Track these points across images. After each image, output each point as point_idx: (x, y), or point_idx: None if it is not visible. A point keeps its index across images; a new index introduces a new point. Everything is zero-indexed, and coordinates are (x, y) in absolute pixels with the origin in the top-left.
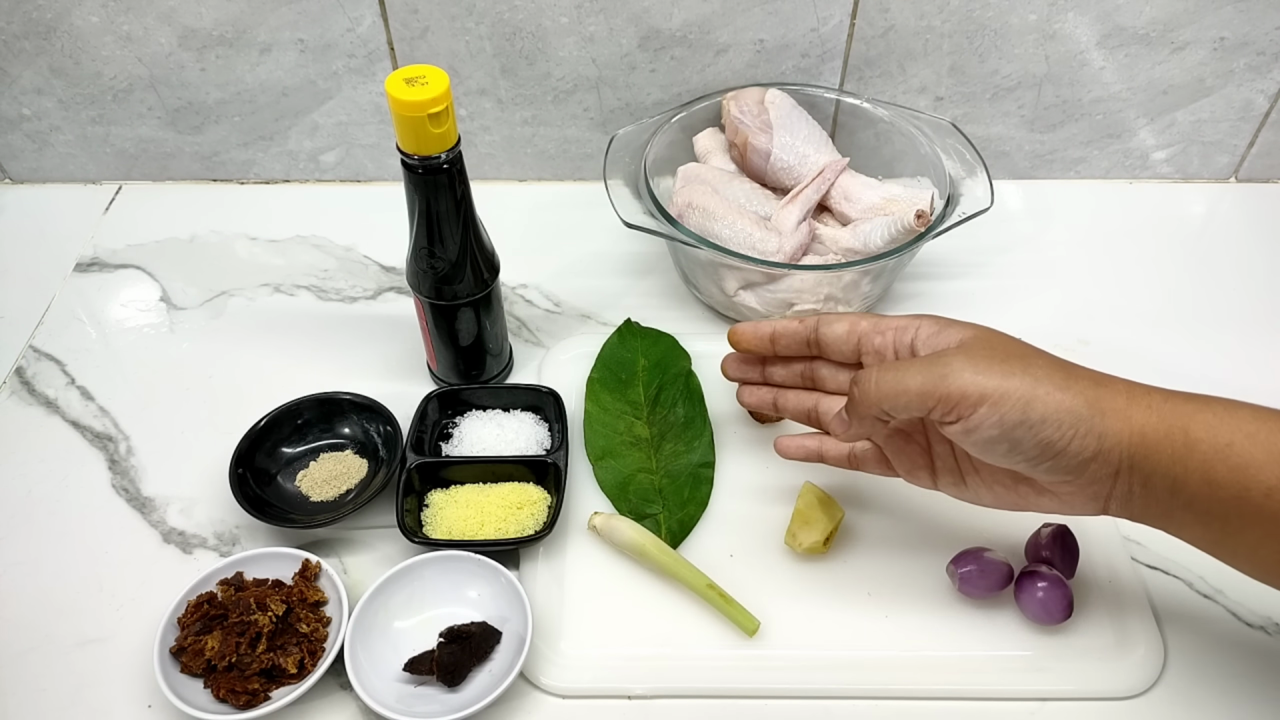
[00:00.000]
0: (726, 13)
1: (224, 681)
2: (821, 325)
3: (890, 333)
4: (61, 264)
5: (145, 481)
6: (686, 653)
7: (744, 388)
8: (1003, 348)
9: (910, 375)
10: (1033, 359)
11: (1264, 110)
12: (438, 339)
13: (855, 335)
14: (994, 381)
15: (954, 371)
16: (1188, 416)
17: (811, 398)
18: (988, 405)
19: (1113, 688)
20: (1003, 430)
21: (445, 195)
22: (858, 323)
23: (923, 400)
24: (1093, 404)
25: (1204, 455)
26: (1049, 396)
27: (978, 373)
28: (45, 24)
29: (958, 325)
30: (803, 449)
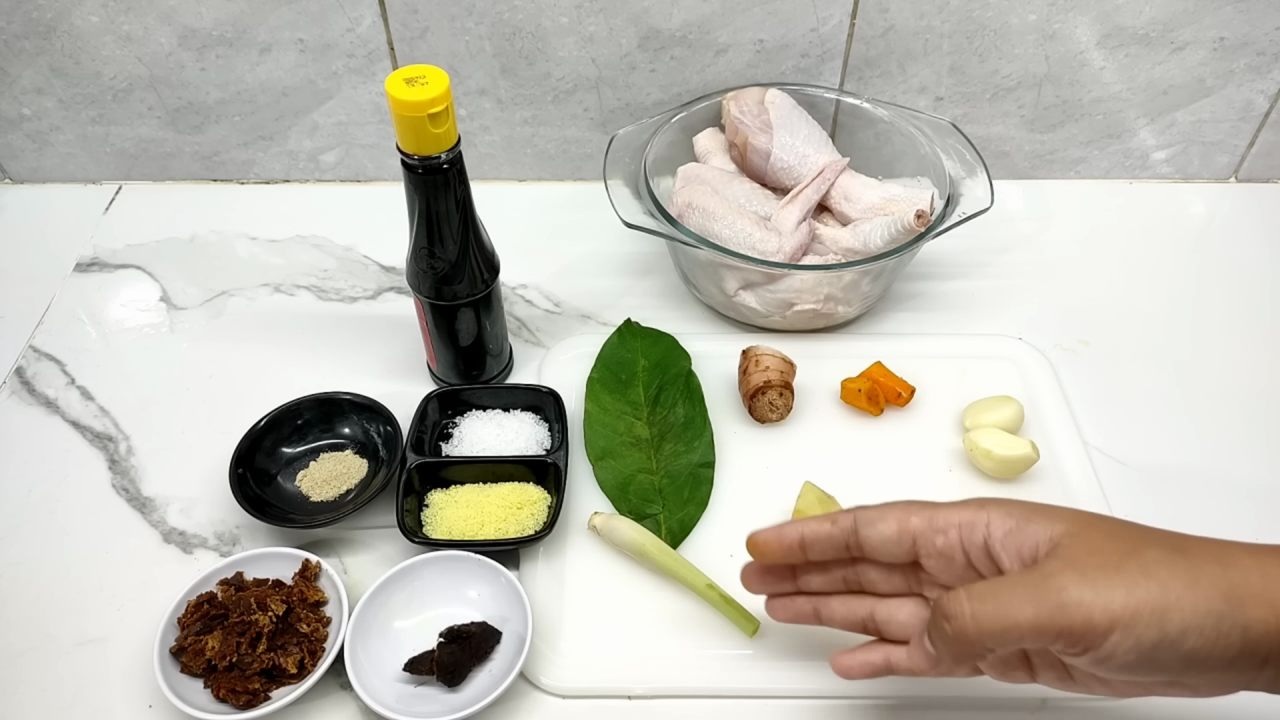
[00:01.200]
0: (726, 13)
1: (224, 681)
2: (862, 527)
3: (954, 530)
4: (61, 264)
5: (145, 481)
6: (686, 653)
7: (774, 601)
8: (1108, 544)
9: (1016, 605)
10: (1145, 551)
11: (1264, 110)
12: (438, 339)
13: (908, 536)
14: (1119, 598)
15: (1069, 596)
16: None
17: (864, 604)
18: (1119, 631)
19: None
20: (1141, 655)
21: (445, 195)
22: (907, 520)
23: (1037, 636)
24: (1228, 595)
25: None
26: (1182, 602)
27: (1097, 591)
28: (45, 24)
29: (1040, 515)
30: (868, 665)
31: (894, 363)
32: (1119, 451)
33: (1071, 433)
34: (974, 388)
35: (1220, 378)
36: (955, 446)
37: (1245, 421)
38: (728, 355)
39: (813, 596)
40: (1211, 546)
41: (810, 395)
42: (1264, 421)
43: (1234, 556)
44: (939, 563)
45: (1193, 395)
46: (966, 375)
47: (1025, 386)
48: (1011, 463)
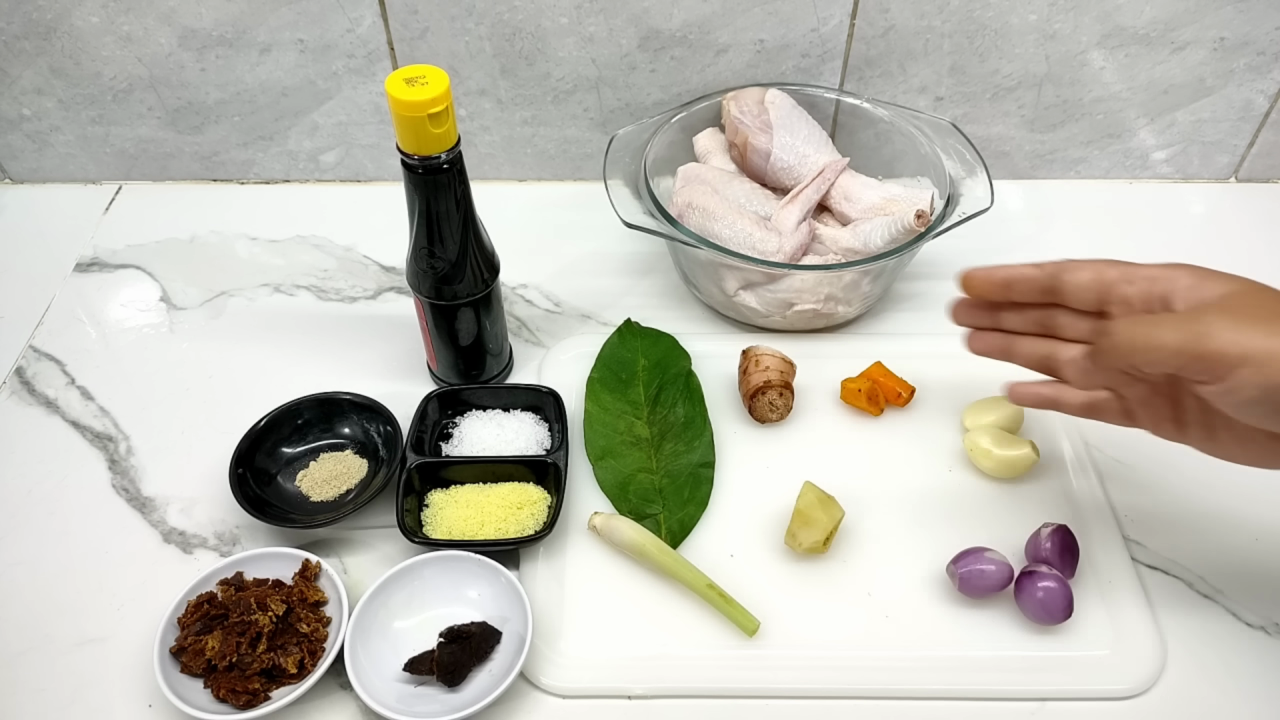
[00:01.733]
0: (726, 13)
1: (224, 681)
2: (1063, 272)
3: (1142, 282)
4: (61, 264)
5: (145, 481)
6: (686, 653)
7: (974, 333)
8: (1269, 304)
9: (1166, 330)
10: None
11: (1264, 110)
12: (438, 339)
13: (1102, 283)
14: (1258, 341)
15: (1214, 329)
16: None
17: (1048, 345)
18: (1250, 367)
19: (1113, 688)
20: (1264, 392)
21: (445, 195)
22: (1104, 270)
23: (1178, 358)
24: None
25: None
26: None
27: (1239, 331)
28: (45, 24)
29: (1219, 277)
30: (1038, 396)
31: (894, 363)
32: (1119, 451)
33: (1071, 433)
34: (974, 388)
35: None
36: (955, 446)
37: None
38: (728, 355)
39: (1006, 334)
40: None
41: (810, 395)
42: None
43: None
44: (1123, 310)
45: None
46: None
47: None
48: (1011, 463)
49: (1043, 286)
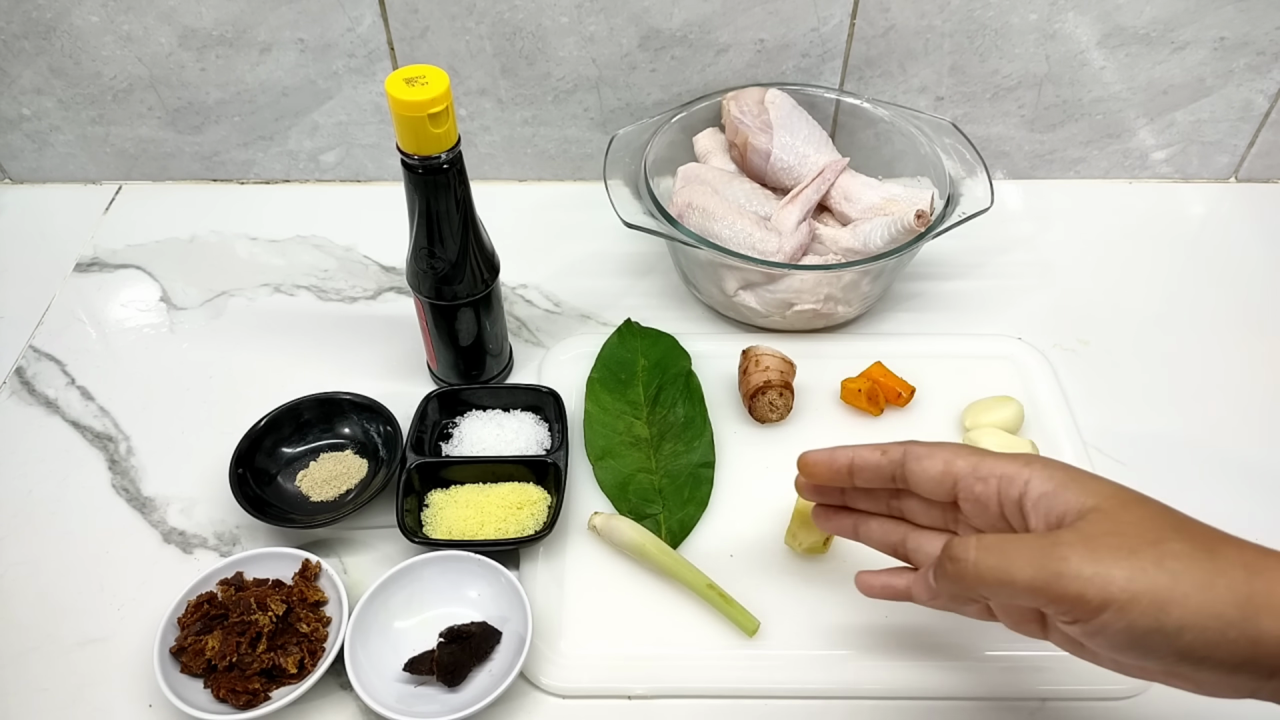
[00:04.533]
0: (726, 13)
1: (224, 681)
2: (909, 461)
3: (994, 481)
4: (61, 264)
5: (145, 481)
6: (686, 653)
7: (819, 509)
8: (1132, 528)
9: (1018, 563)
10: (1168, 543)
11: (1264, 110)
12: (438, 339)
13: (950, 478)
14: (1120, 580)
15: (1070, 566)
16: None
17: (899, 530)
18: (1112, 610)
19: (1113, 687)
20: (1131, 639)
21: (445, 195)
22: (954, 462)
23: (1033, 595)
24: (1245, 604)
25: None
26: (1187, 599)
27: (1099, 566)
28: (45, 24)
29: (1078, 484)
30: (888, 588)
31: (894, 363)
32: (1119, 451)
33: (1071, 432)
34: (974, 388)
35: (1220, 377)
36: None
37: (1245, 421)
38: (728, 355)
39: (856, 514)
40: (1246, 552)
41: (810, 395)
42: (1264, 421)
43: (1267, 565)
44: (974, 508)
45: (1192, 395)
46: (966, 375)
47: (1025, 386)
48: None
49: (888, 474)
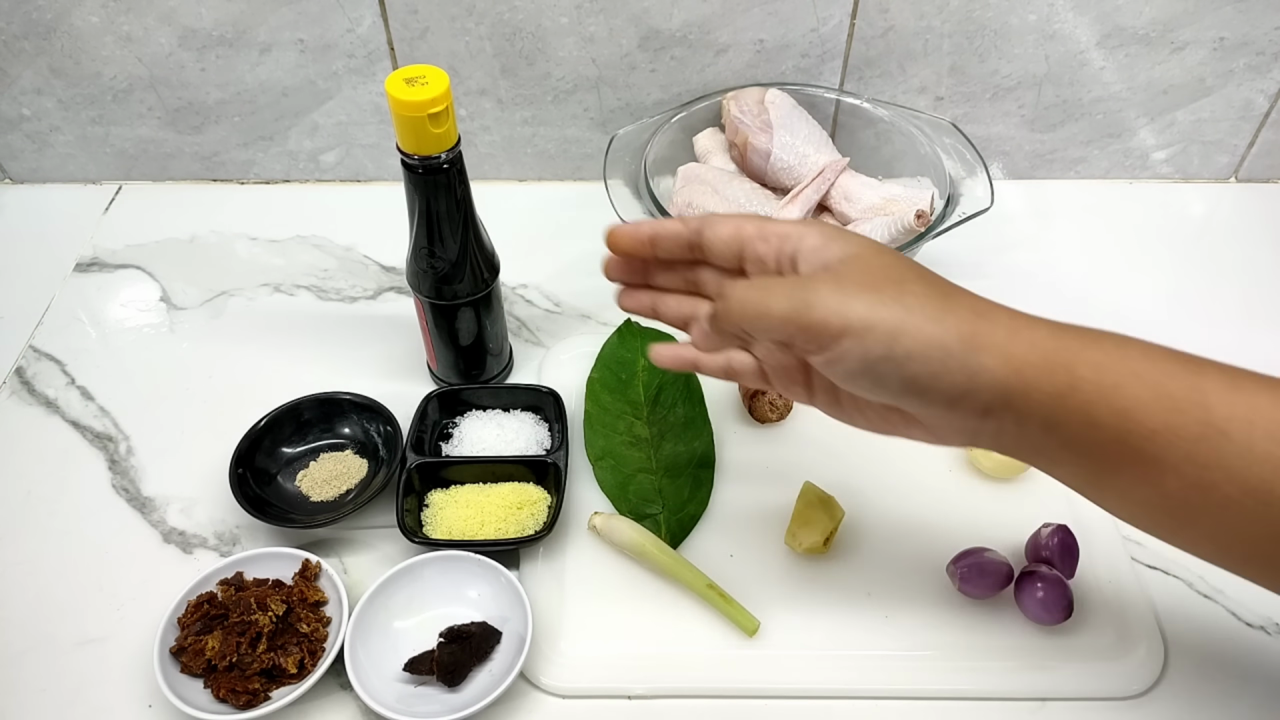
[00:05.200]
0: (726, 13)
1: (224, 681)
2: (705, 228)
3: (775, 240)
4: (61, 264)
5: (145, 481)
6: (686, 653)
7: (624, 292)
8: (880, 271)
9: (774, 298)
10: (909, 284)
11: (1264, 110)
12: (438, 339)
13: (739, 240)
14: (859, 312)
15: (818, 298)
16: (1074, 354)
17: (691, 304)
18: (850, 338)
19: (1113, 688)
20: (865, 365)
21: (445, 195)
22: (743, 226)
23: (785, 327)
24: (968, 339)
25: (1087, 396)
26: (918, 330)
27: (842, 301)
28: (45, 24)
29: (842, 240)
30: (678, 358)
31: None
32: None
33: None
34: None
35: None
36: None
37: None
38: None
39: (655, 292)
40: (980, 303)
41: None
42: None
43: (994, 313)
44: (758, 268)
45: None
46: None
47: None
48: (1011, 463)
49: (687, 242)
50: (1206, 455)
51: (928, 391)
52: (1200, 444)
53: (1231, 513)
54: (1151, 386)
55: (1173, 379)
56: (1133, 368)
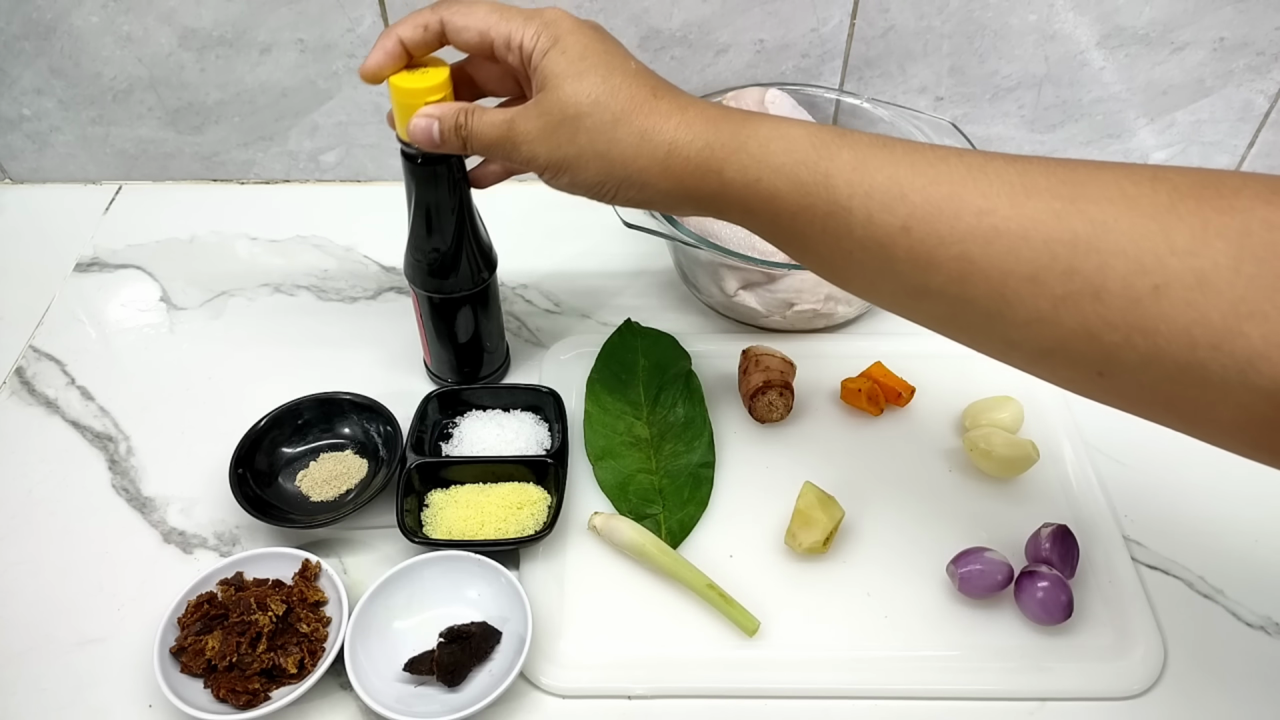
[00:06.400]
0: (726, 13)
1: (224, 681)
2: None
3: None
4: (61, 264)
5: (145, 481)
6: (686, 653)
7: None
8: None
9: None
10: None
11: (1264, 110)
12: (433, 334)
13: (487, 45)
14: (543, 156)
15: (515, 145)
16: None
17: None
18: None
19: (1113, 688)
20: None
21: (443, 187)
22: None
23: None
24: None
25: (737, 193)
26: (589, 165)
27: (530, 147)
28: (45, 24)
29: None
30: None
31: (894, 363)
32: (1119, 451)
33: (1072, 432)
34: (974, 388)
35: None
36: (955, 446)
37: None
38: (728, 355)
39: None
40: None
41: (810, 395)
42: None
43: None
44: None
45: None
46: (966, 375)
47: (1025, 386)
48: (1011, 462)
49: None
50: (836, 228)
51: (616, 199)
52: (830, 220)
53: (867, 270)
54: (787, 177)
55: (804, 168)
56: (771, 162)
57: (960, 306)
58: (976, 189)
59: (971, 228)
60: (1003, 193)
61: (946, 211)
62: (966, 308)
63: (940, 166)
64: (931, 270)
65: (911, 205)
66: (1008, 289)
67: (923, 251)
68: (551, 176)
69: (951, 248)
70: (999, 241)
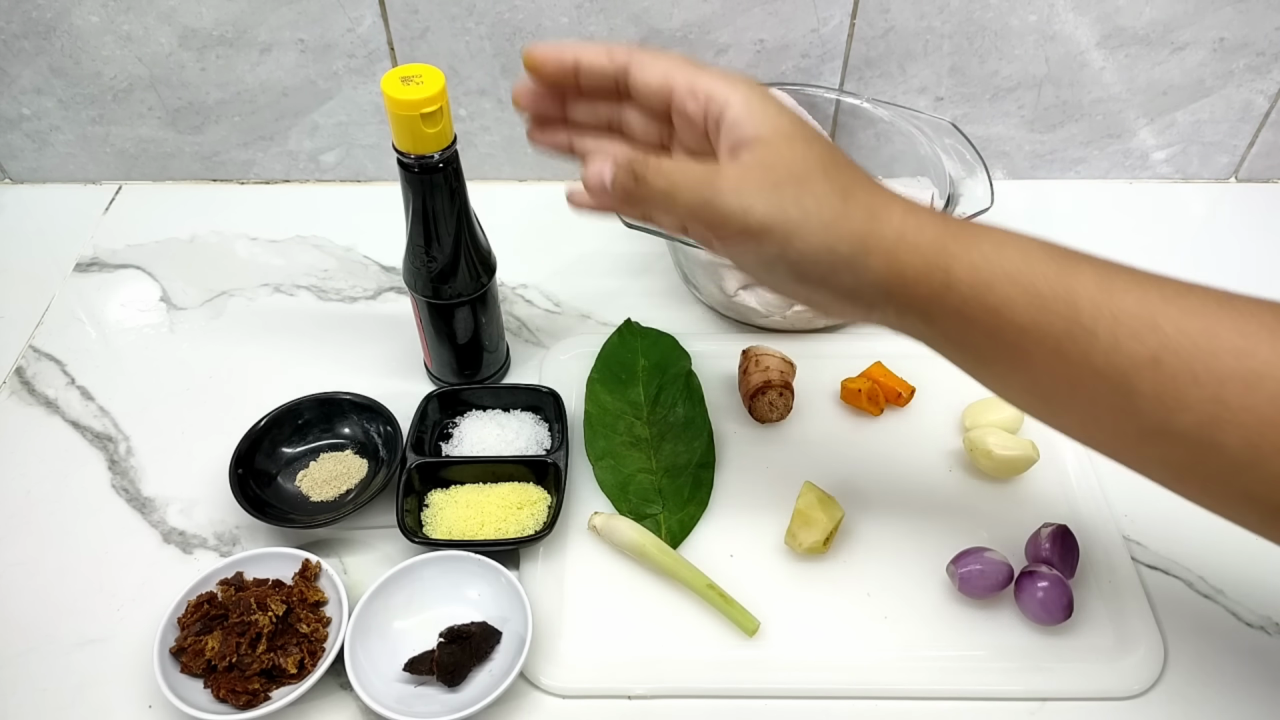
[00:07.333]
0: (726, 13)
1: (224, 681)
2: (634, 69)
3: (704, 99)
4: (61, 264)
5: (145, 481)
6: (686, 653)
7: (536, 126)
8: (785, 166)
9: (681, 190)
10: (810, 183)
11: (1264, 110)
12: (433, 338)
13: (668, 90)
14: (758, 214)
15: (721, 196)
16: (952, 257)
17: (616, 147)
18: (748, 238)
19: (1113, 688)
20: (761, 261)
21: (441, 194)
22: (673, 74)
23: (690, 218)
24: (858, 243)
25: (961, 296)
26: (812, 235)
27: (743, 200)
28: (45, 24)
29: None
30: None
31: (894, 363)
32: None
33: None
34: (974, 388)
35: None
36: (955, 446)
37: None
38: (728, 355)
39: (573, 129)
40: (876, 198)
41: (810, 395)
42: None
43: (888, 212)
44: (684, 123)
45: None
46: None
47: None
48: (1011, 463)
49: (613, 79)
50: (1072, 351)
51: (819, 287)
52: (1066, 341)
53: (1097, 403)
54: (1022, 287)
55: (1043, 279)
56: (1006, 268)
57: (1204, 453)
58: (1233, 326)
59: (1230, 369)
60: (1262, 334)
61: (1203, 348)
62: (1211, 455)
63: (1190, 298)
64: (1179, 411)
65: (1164, 336)
66: (1265, 440)
67: (1172, 389)
68: (757, 241)
69: (1206, 388)
70: (1261, 388)
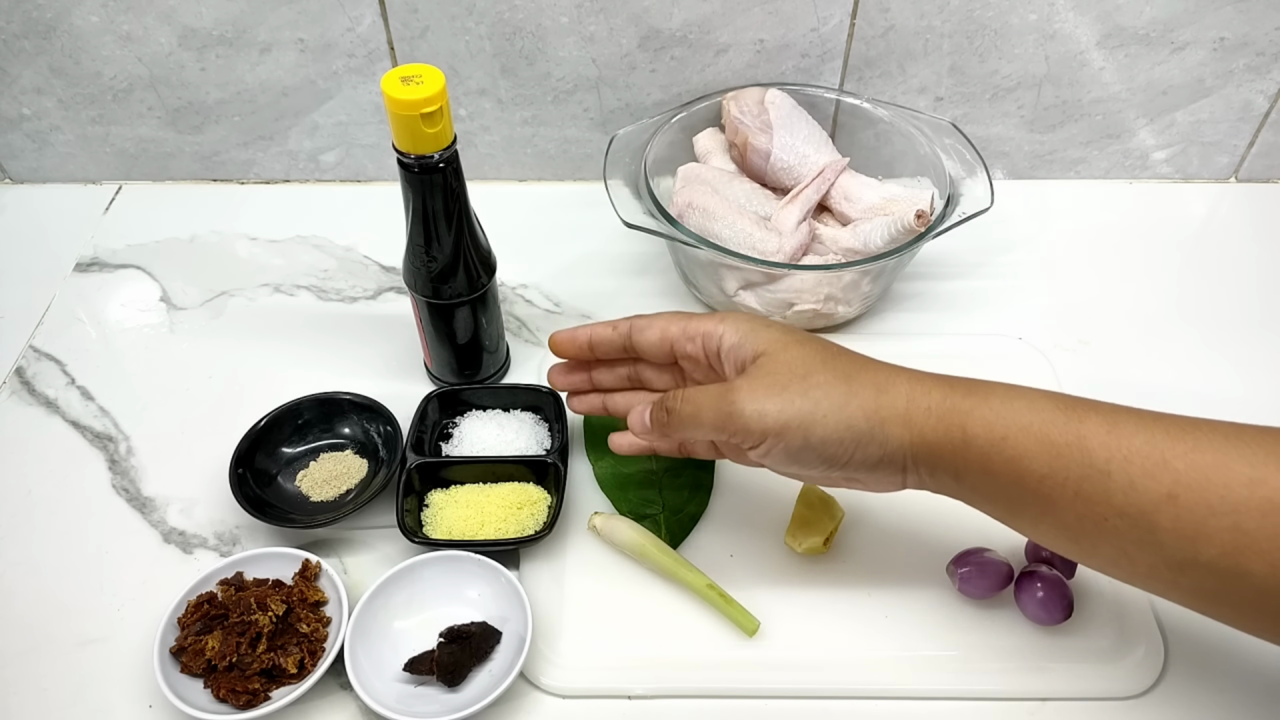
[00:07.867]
0: (726, 13)
1: (224, 681)
2: (634, 333)
3: (699, 339)
4: (61, 264)
5: (145, 481)
6: (686, 653)
7: (573, 396)
8: (786, 368)
9: (705, 409)
10: (813, 376)
11: (1264, 110)
12: (433, 338)
13: (667, 342)
14: (773, 414)
15: (737, 406)
16: (965, 415)
17: (640, 397)
18: (772, 437)
19: (1113, 688)
20: (790, 455)
21: (440, 194)
22: (668, 328)
23: (717, 432)
24: (872, 416)
25: (981, 450)
26: (827, 420)
27: (758, 406)
28: (45, 24)
29: (755, 334)
30: (635, 446)
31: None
32: None
33: None
34: None
35: (1220, 377)
36: None
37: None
38: None
39: (603, 393)
40: (879, 374)
41: None
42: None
43: (892, 383)
44: (690, 364)
45: (1193, 394)
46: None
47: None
48: None
49: (620, 345)
50: (1091, 493)
51: (849, 464)
52: (1085, 483)
53: (1125, 539)
54: (1035, 437)
55: (1054, 427)
56: (1018, 421)
57: (1233, 580)
58: (1242, 457)
59: (1244, 499)
60: (1270, 462)
61: (1215, 480)
62: (1239, 582)
63: (1196, 434)
64: (1201, 542)
65: (1176, 472)
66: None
67: (1190, 522)
68: (776, 439)
69: (1224, 519)
70: (1276, 515)
